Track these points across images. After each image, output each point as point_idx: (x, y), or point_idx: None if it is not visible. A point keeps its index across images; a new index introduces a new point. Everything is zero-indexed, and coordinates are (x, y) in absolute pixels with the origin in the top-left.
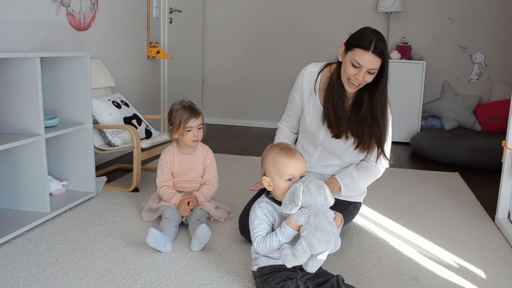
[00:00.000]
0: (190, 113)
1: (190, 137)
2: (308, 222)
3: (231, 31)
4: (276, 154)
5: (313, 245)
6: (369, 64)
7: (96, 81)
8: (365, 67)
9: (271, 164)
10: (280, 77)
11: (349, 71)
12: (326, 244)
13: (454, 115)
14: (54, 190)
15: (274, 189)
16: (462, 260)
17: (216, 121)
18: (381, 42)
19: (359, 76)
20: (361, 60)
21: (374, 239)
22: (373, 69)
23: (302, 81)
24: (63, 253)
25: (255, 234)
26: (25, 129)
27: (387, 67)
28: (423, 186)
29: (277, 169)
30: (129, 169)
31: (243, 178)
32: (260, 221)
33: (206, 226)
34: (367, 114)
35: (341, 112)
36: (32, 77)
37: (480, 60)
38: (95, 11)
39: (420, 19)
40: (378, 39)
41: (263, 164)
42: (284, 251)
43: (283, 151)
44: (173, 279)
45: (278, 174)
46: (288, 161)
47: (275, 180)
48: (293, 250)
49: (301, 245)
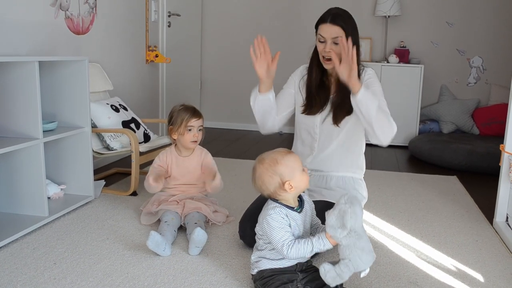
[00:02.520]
0: (192, 112)
1: (190, 136)
2: (354, 244)
3: (229, 34)
4: (280, 158)
5: (359, 266)
6: (329, 33)
7: (94, 85)
8: (328, 38)
9: (283, 167)
10: (278, 80)
11: (319, 47)
12: (369, 263)
13: (452, 119)
14: (52, 194)
15: (295, 188)
16: (460, 263)
17: (215, 125)
18: (337, 12)
19: (326, 48)
20: (323, 33)
21: (372, 243)
22: (335, 37)
23: (294, 75)
24: (61, 257)
25: (282, 238)
26: (23, 133)
27: (350, 34)
28: (421, 190)
29: (292, 166)
30: (128, 173)
31: (241, 182)
32: (281, 226)
33: (201, 230)
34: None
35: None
36: (30, 81)
37: (478, 64)
38: (93, 15)
39: (418, 23)
40: (334, 11)
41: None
42: (329, 274)
43: (280, 153)
44: (171, 283)
45: (294, 170)
46: (291, 156)
47: (296, 177)
48: (336, 269)
49: (348, 266)
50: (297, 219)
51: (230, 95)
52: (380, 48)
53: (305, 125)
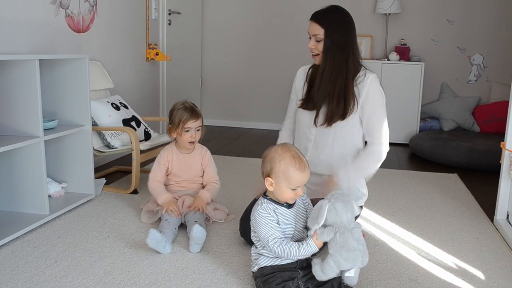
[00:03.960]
0: (190, 114)
1: (188, 137)
2: (334, 240)
3: (230, 32)
4: (289, 164)
5: (340, 263)
6: (311, 30)
7: (95, 83)
8: (312, 35)
9: (282, 171)
10: (279, 78)
11: (308, 44)
12: (352, 262)
13: (453, 117)
14: (53, 192)
15: (275, 191)
16: (461, 261)
17: (215, 123)
18: (322, 10)
19: (310, 44)
20: (309, 29)
21: (373, 241)
22: (315, 34)
23: (295, 79)
24: (62, 255)
25: (267, 234)
26: (24, 131)
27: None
28: (421, 188)
29: (288, 179)
30: (128, 171)
31: (242, 179)
32: (267, 221)
33: (200, 226)
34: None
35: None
36: (31, 79)
37: (479, 62)
38: (94, 13)
39: (418, 21)
40: (323, 9)
41: (271, 166)
42: (314, 268)
43: (296, 162)
44: (172, 281)
45: (286, 182)
46: (300, 174)
47: (281, 185)
48: (322, 266)
49: (329, 263)
50: (287, 215)
51: (231, 93)
52: (381, 46)
53: (302, 125)
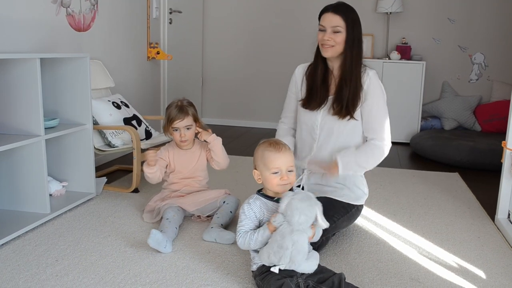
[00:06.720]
0: (177, 113)
1: (177, 137)
2: (277, 231)
3: (230, 31)
4: (265, 148)
5: (269, 254)
6: (330, 22)
7: (96, 82)
8: (328, 27)
9: (259, 158)
10: (280, 77)
11: (319, 37)
12: (279, 259)
13: (454, 116)
14: (54, 191)
15: (264, 183)
16: (462, 260)
17: (216, 122)
18: (341, 3)
19: (326, 36)
20: (323, 22)
21: (374, 240)
22: (335, 26)
23: (294, 76)
24: (63, 254)
25: (238, 228)
26: (25, 130)
27: (352, 27)
28: (423, 187)
29: (265, 163)
30: (129, 170)
31: (243, 178)
32: (245, 217)
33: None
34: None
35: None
36: (32, 78)
37: (480, 61)
38: (95, 12)
39: (419, 20)
40: (339, 2)
41: (254, 158)
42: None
43: (271, 146)
44: (173, 280)
45: (265, 167)
46: (274, 154)
47: (264, 173)
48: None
49: (262, 249)
50: (276, 210)
51: (232, 92)
52: (382, 44)
53: (306, 126)
